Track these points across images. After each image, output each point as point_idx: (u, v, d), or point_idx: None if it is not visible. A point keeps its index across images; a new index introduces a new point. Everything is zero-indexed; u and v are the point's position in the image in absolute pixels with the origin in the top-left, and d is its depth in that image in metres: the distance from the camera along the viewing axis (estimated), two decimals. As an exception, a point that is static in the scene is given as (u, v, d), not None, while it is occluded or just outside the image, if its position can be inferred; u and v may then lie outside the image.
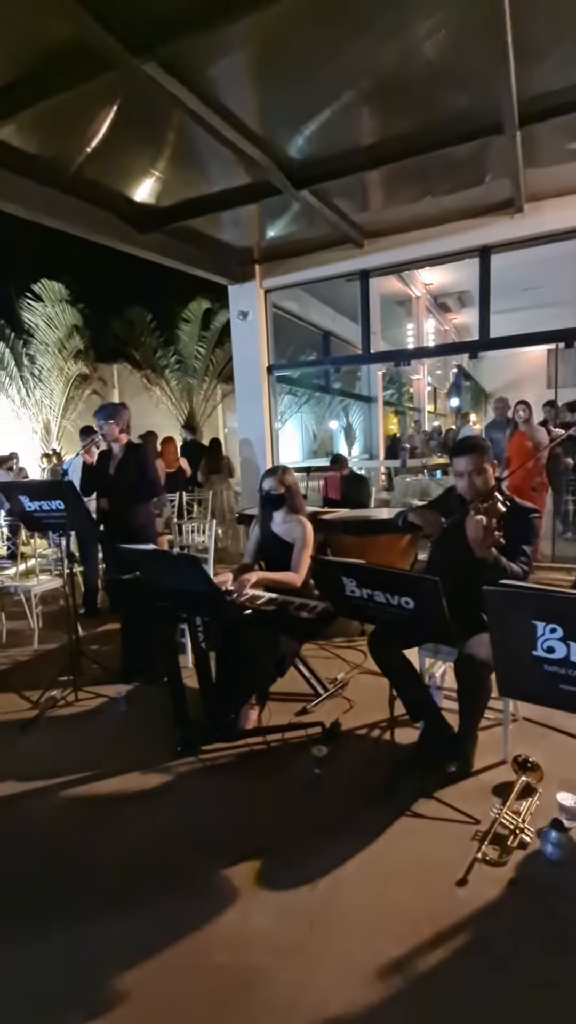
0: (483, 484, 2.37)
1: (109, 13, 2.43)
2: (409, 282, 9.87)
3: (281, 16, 2.62)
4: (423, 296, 10.91)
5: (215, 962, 1.57)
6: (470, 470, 2.38)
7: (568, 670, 1.39)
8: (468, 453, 2.40)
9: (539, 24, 2.79)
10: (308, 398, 14.22)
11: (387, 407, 14.37)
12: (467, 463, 2.38)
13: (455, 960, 1.55)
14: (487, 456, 2.42)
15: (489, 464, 2.41)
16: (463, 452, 2.42)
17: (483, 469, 2.38)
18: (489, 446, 2.53)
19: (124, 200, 4.53)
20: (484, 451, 2.43)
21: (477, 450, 2.41)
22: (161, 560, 2.40)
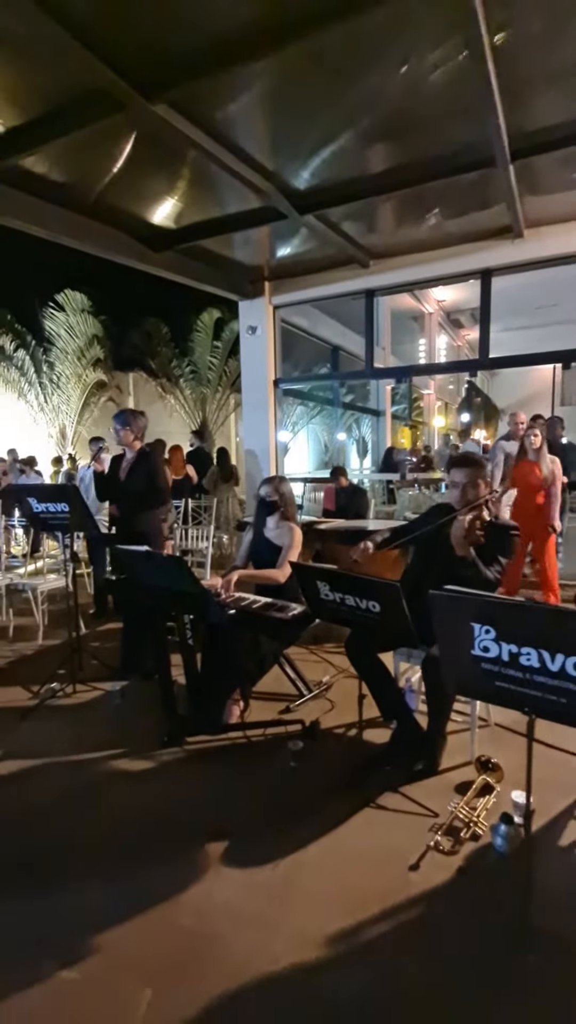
0: (474, 497, 2.53)
1: (121, 59, 2.68)
2: (422, 299, 10.06)
3: (284, 61, 2.84)
4: (436, 312, 11.09)
5: (179, 926, 1.73)
6: (465, 482, 2.54)
7: (501, 668, 1.53)
8: (466, 467, 2.57)
9: (525, 64, 2.97)
10: (320, 410, 14.45)
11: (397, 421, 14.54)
12: (463, 475, 2.55)
13: (397, 935, 1.69)
14: (482, 472, 2.58)
15: (483, 480, 2.57)
16: (461, 465, 2.60)
17: (476, 483, 2.54)
18: (485, 463, 2.69)
19: (139, 222, 4.79)
20: (480, 467, 2.59)
21: (474, 465, 2.58)
22: (151, 561, 2.58)
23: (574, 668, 1.39)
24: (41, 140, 3.24)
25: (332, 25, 2.49)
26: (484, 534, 2.29)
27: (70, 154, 3.66)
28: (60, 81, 2.86)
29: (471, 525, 2.24)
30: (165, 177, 4.11)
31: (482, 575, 2.27)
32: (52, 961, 1.62)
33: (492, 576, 2.33)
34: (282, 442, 13.58)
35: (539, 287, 7.45)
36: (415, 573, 2.64)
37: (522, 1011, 1.47)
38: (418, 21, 2.59)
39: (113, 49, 2.62)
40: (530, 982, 1.53)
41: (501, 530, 2.45)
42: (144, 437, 3.65)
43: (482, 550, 2.33)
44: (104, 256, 5.01)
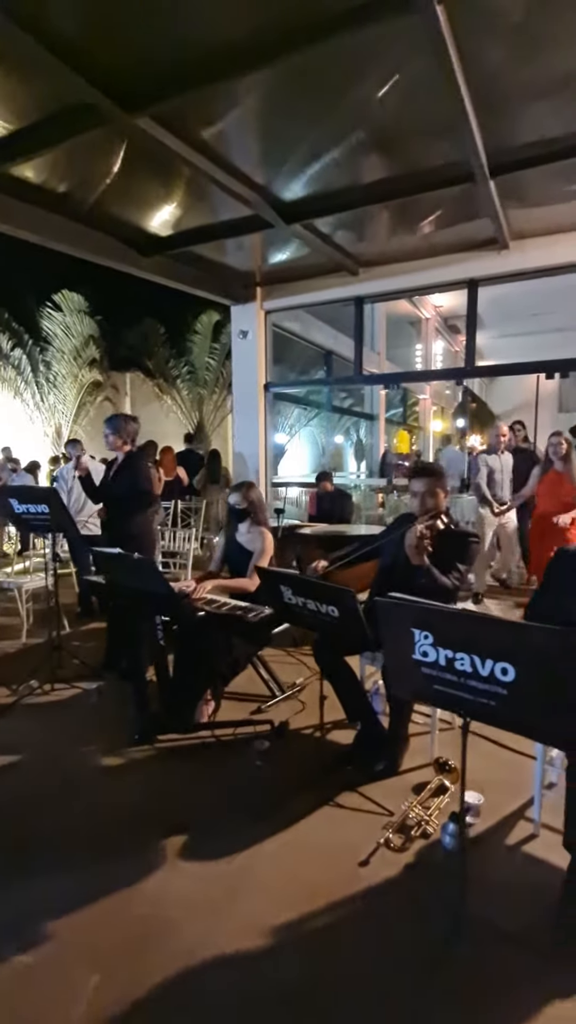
0: (433, 505, 2.61)
1: (103, 75, 2.76)
2: (419, 304, 10.13)
3: (267, 77, 2.92)
4: (432, 318, 11.17)
5: (133, 914, 1.81)
6: (423, 491, 2.62)
7: (439, 672, 1.61)
8: (425, 476, 2.66)
9: (501, 83, 3.05)
10: (317, 413, 14.54)
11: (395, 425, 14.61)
12: (422, 485, 2.63)
13: (340, 925, 1.77)
14: (441, 482, 2.66)
15: (441, 489, 2.65)
16: (421, 475, 2.68)
17: (435, 492, 2.62)
18: (444, 473, 2.77)
19: (130, 227, 4.88)
20: (439, 477, 2.67)
21: (432, 475, 2.66)
22: (123, 562, 2.66)
23: (501, 673, 1.46)
24: (27, 151, 3.32)
25: (310, 45, 2.57)
26: (434, 543, 2.36)
27: (63, 163, 3.75)
28: (44, 95, 2.95)
29: (421, 536, 2.32)
30: (156, 186, 4.20)
31: (438, 583, 2.35)
32: (9, 945, 1.70)
33: (450, 583, 2.41)
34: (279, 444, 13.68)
35: (535, 295, 7.52)
36: (379, 581, 2.72)
37: (451, 997, 1.54)
38: (392, 43, 2.68)
39: (95, 65, 2.71)
40: (461, 970, 1.61)
41: (459, 537, 2.53)
42: (135, 442, 3.71)
43: (441, 558, 2.41)
44: (94, 260, 5.10)
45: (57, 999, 1.54)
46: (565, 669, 1.33)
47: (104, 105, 2.86)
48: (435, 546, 2.40)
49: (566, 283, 6.02)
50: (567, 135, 3.50)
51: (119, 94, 2.87)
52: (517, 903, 1.84)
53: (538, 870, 1.99)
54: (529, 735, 1.60)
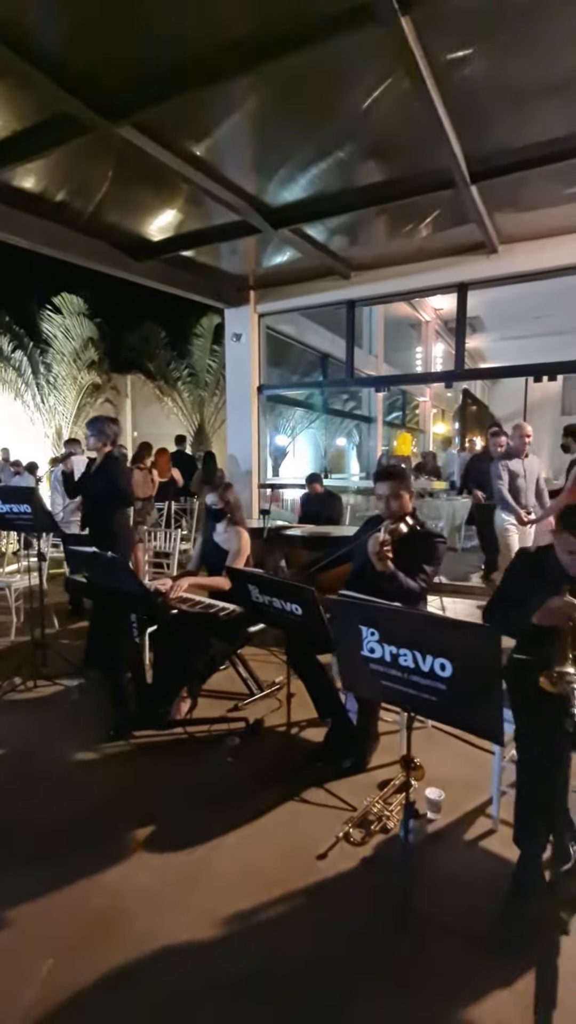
0: (398, 508, 2.65)
1: (84, 85, 2.83)
2: (418, 306, 10.16)
3: (249, 87, 2.99)
4: (432, 320, 11.19)
5: (91, 904, 1.85)
6: (387, 494, 2.66)
7: (385, 668, 1.65)
8: (387, 480, 2.69)
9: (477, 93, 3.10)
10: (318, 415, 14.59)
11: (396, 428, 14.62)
12: (386, 488, 2.67)
13: (291, 916, 1.80)
14: (404, 484, 2.70)
15: (406, 492, 2.69)
16: (383, 479, 2.71)
17: (399, 495, 2.66)
18: (407, 476, 2.80)
19: (122, 232, 4.95)
20: (401, 479, 2.71)
21: (395, 478, 2.69)
22: (98, 561, 2.71)
23: (440, 668, 1.50)
24: (13, 160, 3.40)
25: (283, 57, 2.63)
26: (395, 547, 2.39)
27: (58, 171, 3.84)
28: (25, 105, 3.02)
29: (382, 543, 2.36)
30: (147, 193, 4.27)
31: (404, 587, 2.39)
32: (-32, 932, 1.75)
33: (415, 586, 2.45)
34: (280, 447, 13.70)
35: (536, 296, 7.53)
36: (350, 585, 2.75)
37: (396, 986, 1.58)
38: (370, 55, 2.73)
39: (76, 76, 2.78)
40: (406, 961, 1.65)
41: (426, 538, 2.56)
42: (116, 443, 3.80)
43: (408, 560, 2.45)
44: (88, 266, 5.18)
45: (9, 981, 1.58)
46: (488, 664, 1.37)
47: (85, 115, 2.93)
48: (401, 548, 2.44)
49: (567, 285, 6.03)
50: (547, 141, 3.53)
51: (100, 104, 2.94)
52: (468, 897, 1.87)
53: (492, 865, 2.02)
54: (465, 728, 1.63)
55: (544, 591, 1.92)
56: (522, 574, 2.09)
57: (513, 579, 2.15)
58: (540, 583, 1.96)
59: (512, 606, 2.00)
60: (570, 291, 6.88)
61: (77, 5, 2.40)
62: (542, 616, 1.76)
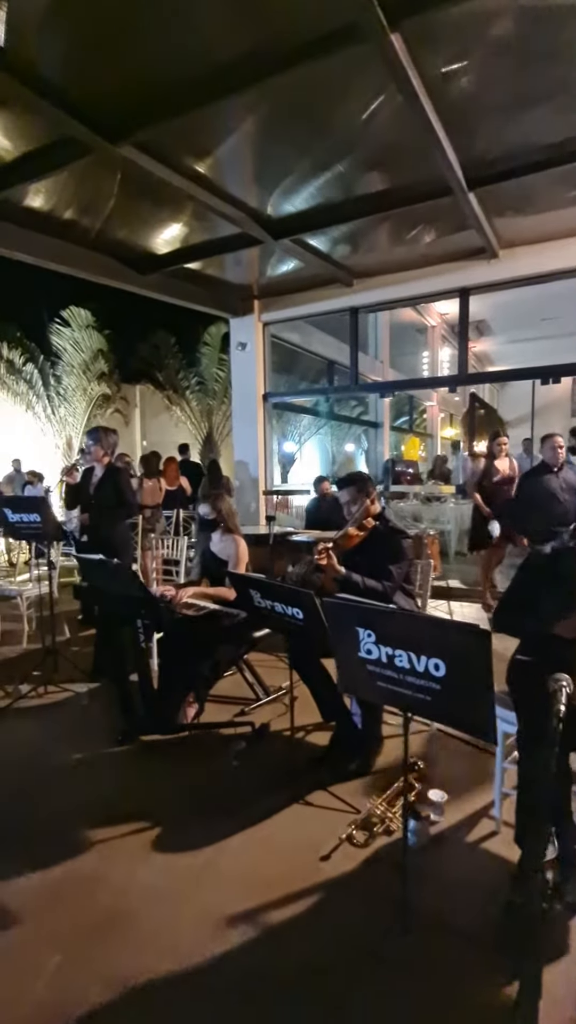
0: (358, 511, 2.70)
1: (85, 108, 2.93)
2: (423, 311, 10.18)
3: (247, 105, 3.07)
4: (439, 325, 11.21)
5: (98, 902, 1.89)
6: (347, 500, 2.75)
7: (382, 669, 1.68)
8: (345, 486, 2.78)
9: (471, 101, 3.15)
10: (326, 422, 14.65)
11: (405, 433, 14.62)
12: (345, 495, 2.77)
13: (294, 916, 1.83)
14: (363, 489, 2.76)
15: (364, 495, 2.73)
16: (342, 485, 2.81)
17: (357, 498, 2.72)
18: (366, 481, 2.82)
19: (127, 247, 5.06)
20: (358, 485, 2.78)
21: (352, 484, 2.78)
22: (104, 568, 2.77)
23: (435, 669, 1.53)
24: (22, 179, 3.51)
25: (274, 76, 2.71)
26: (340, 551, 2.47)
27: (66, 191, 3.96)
28: (33, 128, 3.12)
29: (319, 552, 2.43)
30: (151, 208, 4.38)
31: (361, 587, 2.44)
32: (-22, 929, 1.80)
33: (377, 585, 2.48)
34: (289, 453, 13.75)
35: (544, 298, 7.51)
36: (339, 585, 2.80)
37: (396, 987, 1.59)
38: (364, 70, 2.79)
39: (77, 99, 2.87)
40: (404, 957, 1.66)
41: (390, 536, 2.60)
42: (114, 453, 3.89)
43: (372, 560, 2.50)
44: (94, 280, 5.30)
45: (17, 975, 1.63)
46: (479, 664, 1.39)
47: (87, 137, 3.02)
48: (368, 549, 2.53)
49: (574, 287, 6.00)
50: (543, 146, 3.57)
51: (101, 125, 3.03)
52: (470, 898, 1.88)
53: (495, 866, 2.02)
54: (459, 727, 1.66)
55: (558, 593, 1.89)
56: (536, 576, 2.08)
57: (526, 581, 2.14)
58: (554, 585, 1.92)
59: (524, 608, 1.99)
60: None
61: (75, 31, 2.50)
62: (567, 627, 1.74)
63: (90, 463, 4.07)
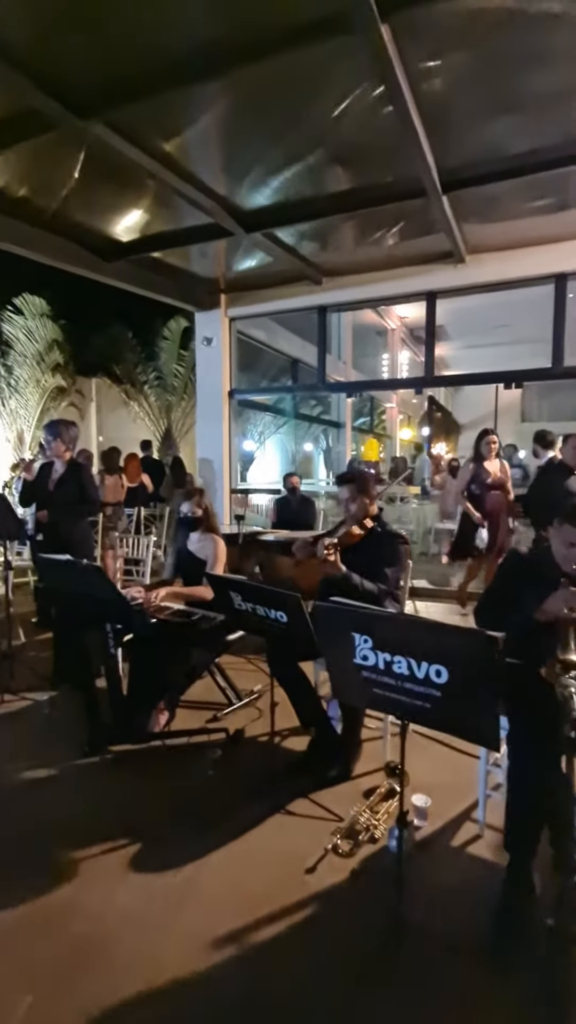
0: (357, 510, 2.66)
1: (53, 80, 2.74)
2: (384, 314, 10.30)
3: (223, 89, 2.96)
4: (398, 328, 11.36)
5: (71, 931, 1.76)
6: (346, 498, 2.70)
7: (378, 676, 1.63)
8: (346, 483, 2.72)
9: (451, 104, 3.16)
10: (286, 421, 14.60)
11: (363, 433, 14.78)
12: (345, 492, 2.70)
13: (282, 935, 1.76)
14: (362, 487, 2.72)
15: (364, 494, 2.70)
16: (343, 482, 2.75)
17: (356, 497, 2.67)
18: (366, 479, 2.80)
19: (91, 233, 4.83)
20: (358, 483, 2.73)
21: (352, 482, 2.73)
22: (72, 569, 2.61)
23: (436, 675, 1.49)
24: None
25: (259, 61, 2.61)
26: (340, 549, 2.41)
27: (22, 167, 3.71)
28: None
29: (326, 548, 2.37)
30: (117, 192, 4.17)
31: (360, 589, 2.39)
32: None
33: (373, 588, 2.44)
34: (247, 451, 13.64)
35: (496, 307, 7.74)
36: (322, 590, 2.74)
37: (393, 1005, 1.55)
38: (345, 62, 2.74)
39: (45, 70, 2.68)
40: (402, 978, 1.62)
41: (387, 539, 2.57)
42: (75, 448, 3.71)
43: (369, 562, 2.46)
44: (56, 265, 5.03)
45: (-15, 1023, 1.48)
46: (484, 671, 1.36)
47: (56, 111, 2.83)
48: (364, 550, 2.48)
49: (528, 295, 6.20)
50: (519, 154, 3.62)
51: (71, 100, 2.85)
52: (461, 906, 1.86)
53: (482, 872, 2.01)
54: (459, 734, 1.63)
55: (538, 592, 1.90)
56: (515, 575, 2.09)
57: (505, 580, 2.15)
58: (534, 584, 1.92)
59: (504, 607, 1.99)
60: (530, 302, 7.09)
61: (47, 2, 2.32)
62: (546, 609, 1.75)
63: (49, 458, 3.87)
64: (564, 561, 1.87)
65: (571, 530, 1.84)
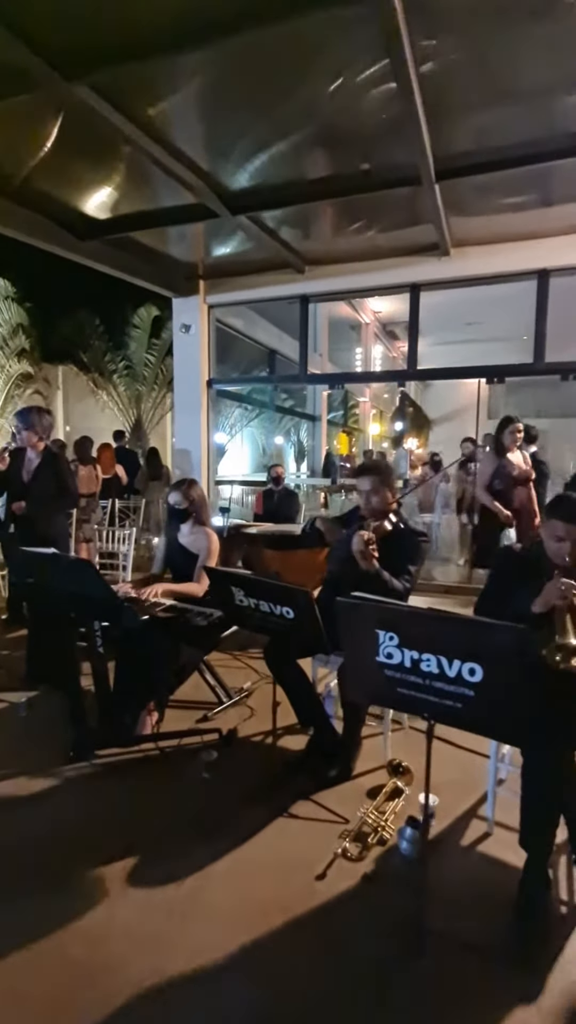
0: (379, 504, 2.56)
1: (39, 36, 2.53)
2: (359, 309, 10.25)
3: (216, 59, 2.80)
4: (372, 323, 11.35)
5: (69, 956, 1.62)
6: (367, 490, 2.57)
7: (403, 675, 1.54)
8: (368, 475, 2.59)
9: (451, 91, 3.09)
10: (258, 413, 14.43)
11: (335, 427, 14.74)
12: (367, 483, 2.57)
13: (296, 947, 1.66)
14: (386, 479, 2.61)
15: (387, 487, 2.60)
16: (364, 473, 2.62)
17: (379, 490, 2.57)
18: (389, 470, 2.72)
19: (66, 208, 4.57)
20: (382, 474, 2.61)
21: (376, 473, 2.60)
22: (57, 564, 2.44)
23: (469, 673, 1.42)
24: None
25: (259, 27, 2.47)
26: (380, 546, 2.31)
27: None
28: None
29: (367, 542, 2.27)
30: (96, 164, 3.94)
31: (388, 586, 2.30)
32: None
33: (400, 586, 2.37)
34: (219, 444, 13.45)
35: (469, 304, 7.79)
36: (329, 584, 2.65)
37: (416, 1014, 1.48)
38: (347, 37, 2.62)
39: (30, 25, 2.47)
40: (424, 984, 1.55)
41: (409, 537, 2.49)
42: (49, 436, 3.50)
43: (391, 559, 2.37)
44: (27, 241, 4.75)
45: (-20, 1066, 1.34)
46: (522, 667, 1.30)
47: (40, 69, 2.62)
48: (384, 546, 2.36)
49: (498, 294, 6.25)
50: (513, 144, 3.58)
51: (56, 59, 2.64)
52: (477, 908, 1.81)
53: (494, 871, 1.97)
54: (495, 736, 1.57)
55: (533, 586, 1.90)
56: (509, 572, 2.07)
57: (500, 577, 2.12)
58: (528, 579, 1.93)
59: (501, 603, 1.98)
60: (501, 299, 7.17)
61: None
62: (542, 600, 1.73)
63: (21, 444, 3.64)
64: (555, 555, 1.86)
65: (557, 524, 1.84)
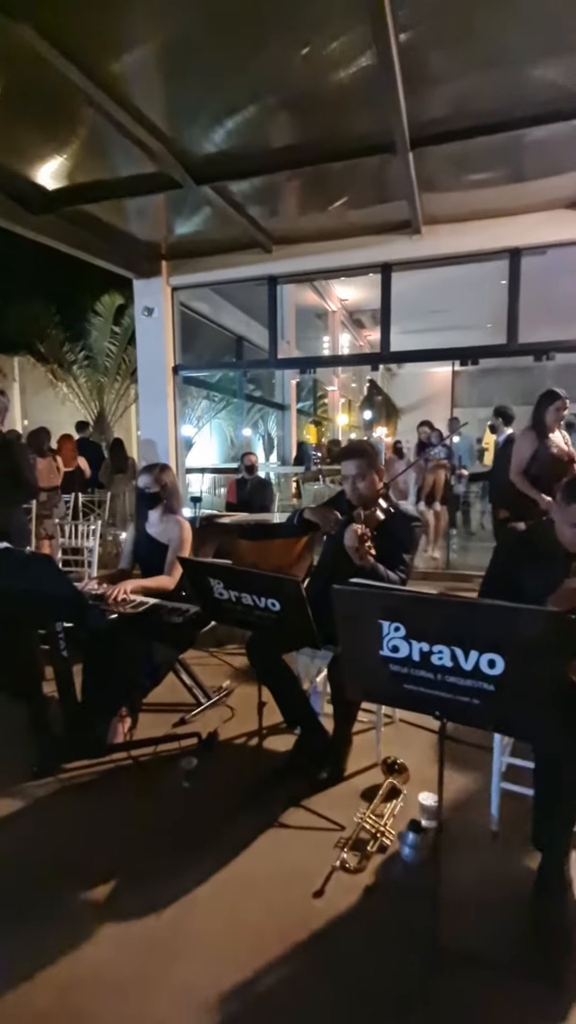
0: (366, 489, 2.36)
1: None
2: (325, 295, 10.08)
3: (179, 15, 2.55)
4: (339, 311, 11.19)
5: (35, 1007, 1.40)
6: (353, 474, 2.36)
7: (410, 669, 1.37)
8: (353, 458, 2.39)
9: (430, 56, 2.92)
10: (225, 404, 14.12)
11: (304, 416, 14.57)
12: (352, 467, 2.37)
13: (299, 977, 1.48)
14: (373, 462, 2.41)
15: (374, 470, 2.41)
16: (348, 457, 2.41)
17: (367, 474, 2.37)
18: (376, 452, 2.52)
19: (15, 177, 4.21)
20: (368, 457, 2.41)
21: (361, 456, 2.40)
22: (12, 560, 2.18)
23: (488, 666, 1.25)
24: None
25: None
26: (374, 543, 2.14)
27: None
28: None
29: (362, 538, 2.09)
30: (47, 127, 3.62)
31: (384, 580, 2.13)
32: None
33: (397, 578, 2.20)
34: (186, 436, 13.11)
35: (434, 289, 7.71)
36: (318, 577, 2.46)
37: (435, 1049, 1.32)
38: None
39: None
40: (441, 1006, 1.40)
41: (401, 522, 2.31)
42: (4, 422, 3.19)
43: (384, 548, 2.20)
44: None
45: None
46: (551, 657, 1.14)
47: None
48: (374, 535, 2.18)
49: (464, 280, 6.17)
50: (489, 111, 3.43)
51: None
52: (490, 917, 1.66)
53: (503, 874, 1.83)
54: (518, 735, 1.41)
55: (539, 569, 1.78)
56: (514, 554, 1.94)
57: (505, 560, 1.99)
58: (534, 561, 1.82)
59: (506, 587, 1.85)
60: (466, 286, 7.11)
61: None
62: (560, 599, 1.60)
63: None
64: (571, 543, 1.71)
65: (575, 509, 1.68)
